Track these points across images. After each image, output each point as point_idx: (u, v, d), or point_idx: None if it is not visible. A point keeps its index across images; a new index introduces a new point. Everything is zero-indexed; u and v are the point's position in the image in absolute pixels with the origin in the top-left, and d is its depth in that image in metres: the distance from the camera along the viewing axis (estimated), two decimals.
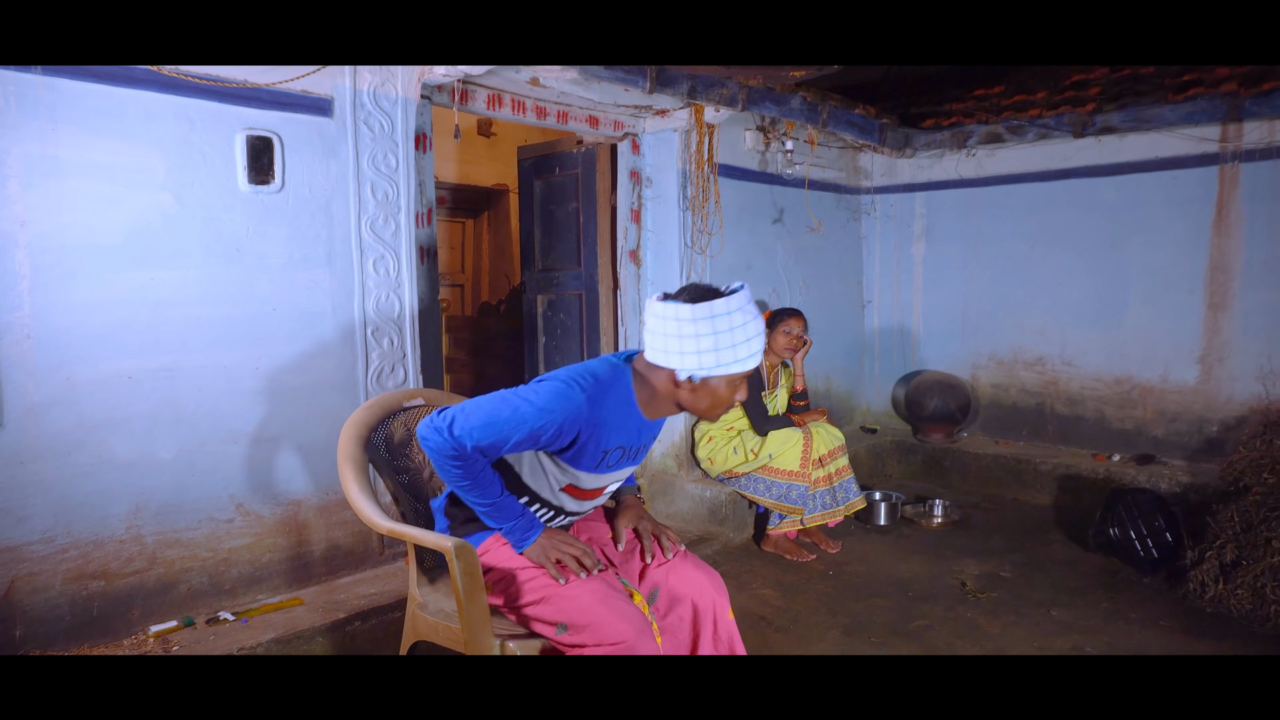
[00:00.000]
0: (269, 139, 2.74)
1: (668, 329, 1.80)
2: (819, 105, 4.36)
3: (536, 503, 2.06)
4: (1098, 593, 3.47)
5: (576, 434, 1.88)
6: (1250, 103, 4.08)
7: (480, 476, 1.91)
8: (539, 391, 1.87)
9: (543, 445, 1.89)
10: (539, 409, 1.83)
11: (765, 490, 3.87)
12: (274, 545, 2.80)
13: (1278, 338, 4.25)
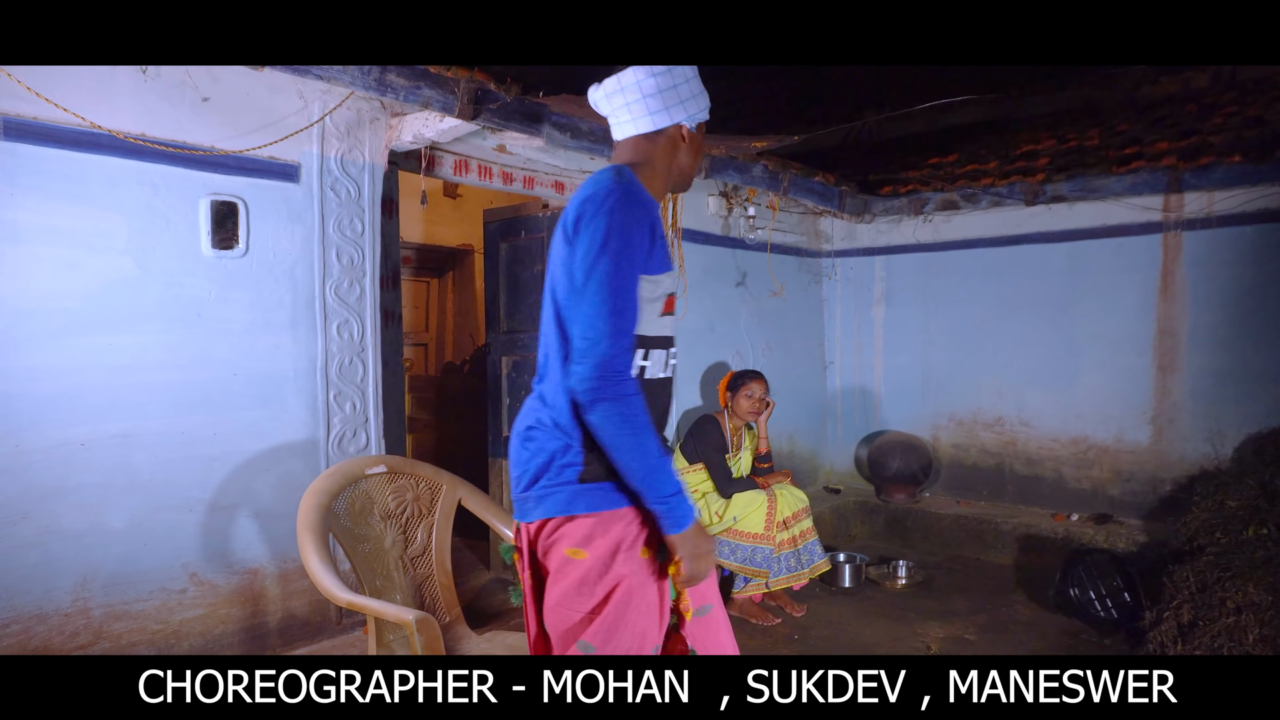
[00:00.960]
0: (234, 204, 2.74)
1: (663, 84, 1.74)
2: (780, 173, 4.48)
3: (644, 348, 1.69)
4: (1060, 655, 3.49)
5: (652, 225, 1.64)
6: (1189, 175, 4.27)
7: (645, 414, 1.57)
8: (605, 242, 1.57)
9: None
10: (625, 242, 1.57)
11: (730, 553, 3.86)
12: (228, 616, 2.72)
13: (1224, 399, 4.38)
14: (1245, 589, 3.19)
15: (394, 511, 2.48)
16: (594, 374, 1.54)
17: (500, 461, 4.46)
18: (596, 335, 1.55)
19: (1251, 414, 4.29)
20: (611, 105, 1.79)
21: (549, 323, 1.70)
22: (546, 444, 1.66)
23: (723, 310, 4.79)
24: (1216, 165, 4.18)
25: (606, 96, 1.80)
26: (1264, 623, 3.09)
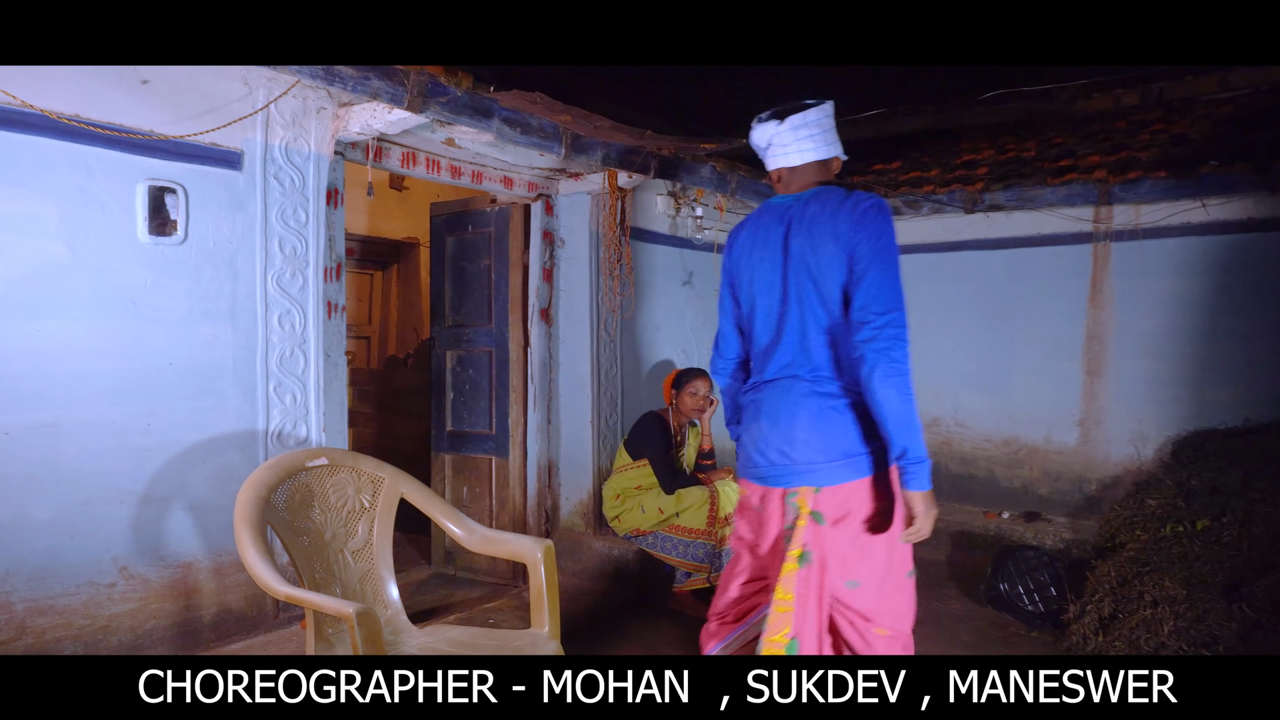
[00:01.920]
0: (173, 190, 2.67)
1: (829, 122, 2.21)
2: (728, 174, 4.53)
3: None
4: (989, 647, 3.60)
5: None
6: (1118, 188, 4.44)
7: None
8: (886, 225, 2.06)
9: None
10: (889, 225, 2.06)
11: (672, 548, 3.89)
12: (160, 610, 2.66)
13: (1148, 403, 4.57)
14: (1162, 583, 3.34)
15: (334, 505, 2.45)
16: (891, 338, 1.94)
17: (443, 456, 4.43)
18: (894, 306, 1.97)
19: (1172, 418, 4.48)
20: (796, 136, 2.15)
21: (805, 313, 2.09)
22: (846, 418, 2.05)
23: (670, 309, 4.83)
24: (1144, 180, 4.35)
25: (793, 129, 2.15)
26: (1178, 615, 3.23)
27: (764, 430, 2.13)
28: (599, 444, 4.27)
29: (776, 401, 2.12)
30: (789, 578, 2.04)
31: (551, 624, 2.40)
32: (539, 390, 4.30)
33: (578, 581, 4.19)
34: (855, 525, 2.08)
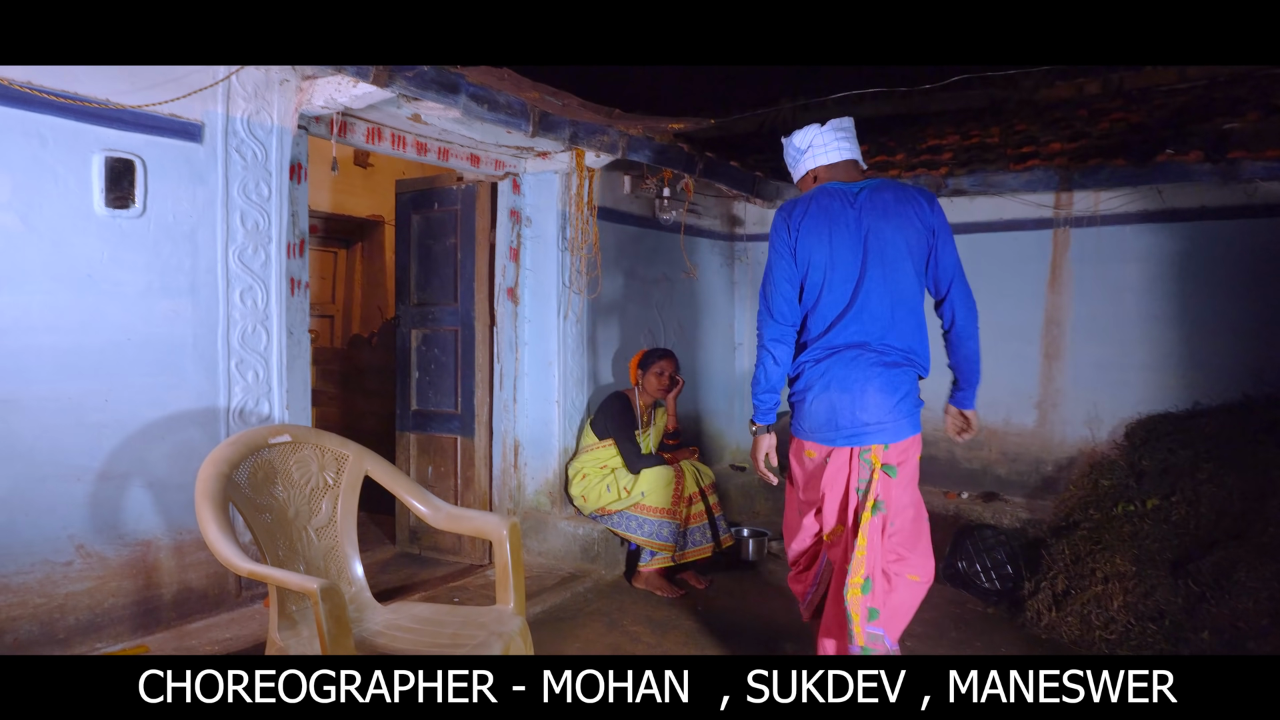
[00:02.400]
0: (130, 162, 2.62)
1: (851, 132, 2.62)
2: (696, 155, 4.53)
3: None
4: (947, 623, 3.68)
5: None
6: (1078, 175, 4.51)
7: None
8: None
9: None
10: None
11: (637, 528, 3.92)
12: (118, 589, 2.63)
13: (1102, 387, 4.67)
14: (1113, 560, 3.44)
15: (298, 482, 2.43)
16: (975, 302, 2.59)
17: (409, 435, 4.41)
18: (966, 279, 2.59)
19: (1126, 401, 4.59)
20: (836, 137, 2.56)
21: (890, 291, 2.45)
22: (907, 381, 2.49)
23: (636, 289, 4.83)
24: (1103, 167, 4.43)
25: (836, 129, 2.57)
26: (1128, 590, 3.33)
27: (837, 398, 2.44)
28: (565, 424, 4.27)
29: (848, 370, 2.43)
30: (866, 526, 2.41)
31: (517, 600, 2.41)
32: (505, 369, 4.29)
33: (543, 561, 4.20)
34: (905, 474, 2.50)
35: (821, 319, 2.49)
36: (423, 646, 2.24)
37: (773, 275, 2.54)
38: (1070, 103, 5.71)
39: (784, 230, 2.51)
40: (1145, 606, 3.30)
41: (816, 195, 2.50)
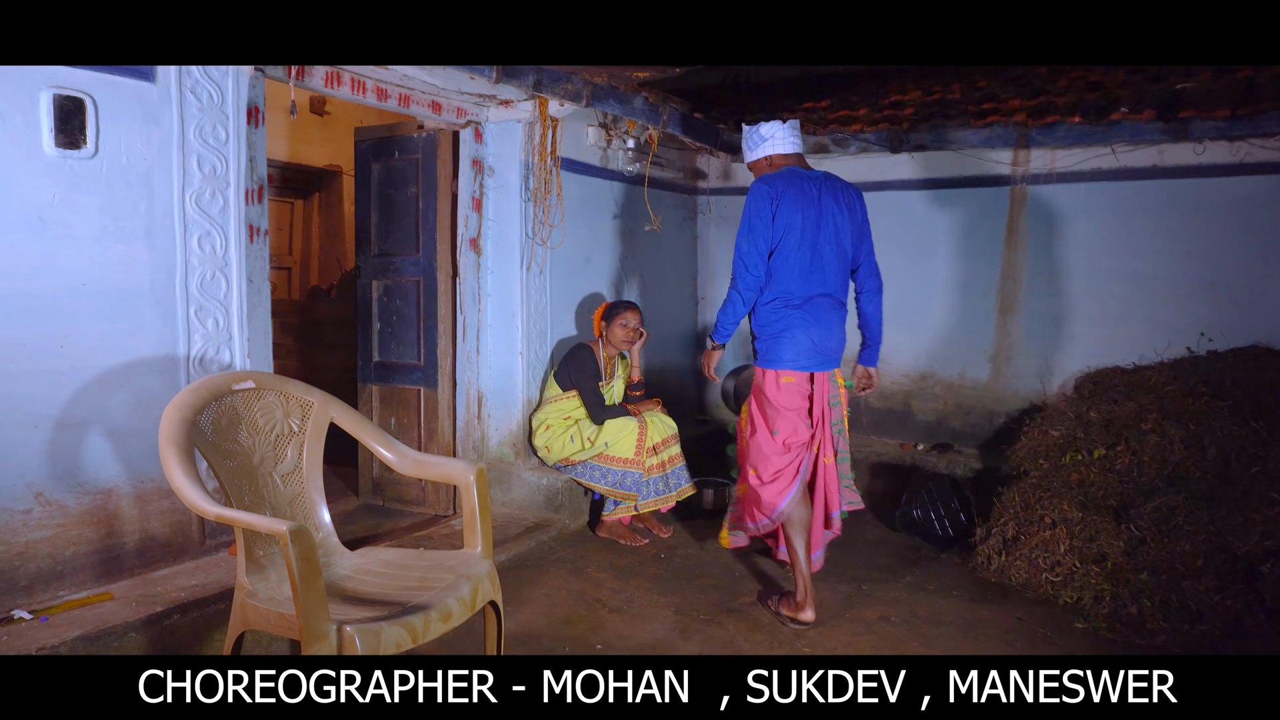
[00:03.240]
0: (80, 100, 2.54)
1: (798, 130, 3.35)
2: (660, 106, 4.50)
3: None
4: (902, 568, 3.80)
5: None
6: (1036, 133, 4.58)
7: None
8: None
9: None
10: None
11: (601, 477, 3.97)
12: (79, 537, 2.60)
13: (1053, 341, 4.80)
14: (1060, 506, 3.57)
15: (263, 428, 2.42)
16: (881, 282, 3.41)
17: (370, 387, 4.39)
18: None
19: (1075, 354, 4.72)
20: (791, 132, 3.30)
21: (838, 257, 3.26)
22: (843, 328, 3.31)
23: (600, 241, 4.82)
24: (1060, 124, 4.49)
25: (791, 128, 3.31)
26: (1073, 535, 3.47)
27: (816, 333, 3.20)
28: (528, 375, 4.28)
29: (821, 314, 3.21)
30: (840, 425, 3.40)
31: (485, 544, 2.44)
32: (468, 321, 4.27)
33: (508, 511, 4.24)
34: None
35: (794, 273, 3.19)
36: (391, 590, 2.27)
37: (755, 236, 3.16)
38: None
39: (769, 200, 3.13)
40: (1089, 550, 3.44)
41: (790, 176, 3.18)
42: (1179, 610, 3.11)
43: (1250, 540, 3.15)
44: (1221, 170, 4.30)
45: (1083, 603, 3.32)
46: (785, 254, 3.17)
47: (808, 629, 3.12)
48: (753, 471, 3.31)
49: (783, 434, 3.24)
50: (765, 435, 3.27)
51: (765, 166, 3.30)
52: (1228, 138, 4.19)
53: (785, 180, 3.15)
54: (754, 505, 3.31)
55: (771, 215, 3.13)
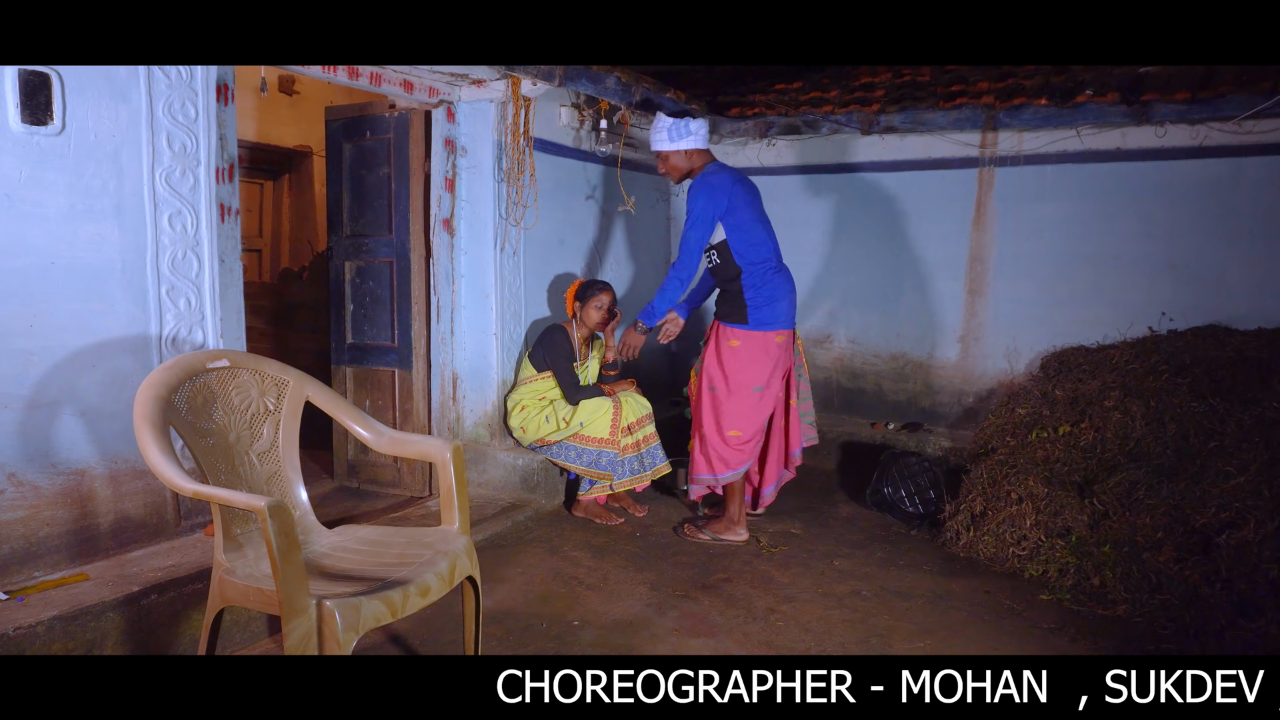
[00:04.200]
0: (46, 76, 2.50)
1: None
2: (633, 86, 4.51)
3: None
4: (873, 544, 3.88)
5: None
6: (1004, 115, 4.64)
7: None
8: None
9: None
10: None
11: (576, 457, 3.99)
12: (53, 518, 2.58)
13: (1020, 321, 4.89)
14: (1026, 482, 3.65)
15: (238, 407, 2.42)
16: None
17: (344, 369, 4.37)
18: None
19: (1041, 334, 4.82)
20: (706, 129, 3.74)
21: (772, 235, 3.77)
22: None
23: (573, 222, 4.83)
24: (1027, 106, 4.56)
25: (705, 124, 3.75)
26: (1039, 510, 3.55)
27: (790, 298, 3.72)
28: (503, 356, 4.29)
29: (789, 283, 3.74)
30: (804, 374, 4.00)
31: (462, 520, 2.46)
32: (442, 302, 4.26)
33: (484, 491, 4.25)
34: None
35: (766, 245, 3.68)
36: (369, 566, 2.28)
37: (696, 234, 3.57)
38: None
39: (724, 199, 3.55)
40: (1054, 524, 3.53)
41: (730, 173, 3.63)
42: (1140, 581, 3.21)
43: (1207, 513, 3.25)
44: (1182, 153, 4.40)
45: (1048, 575, 3.41)
46: (750, 231, 3.62)
47: (780, 605, 3.18)
48: (732, 432, 3.69)
49: (769, 389, 3.68)
50: (746, 394, 3.66)
51: (682, 159, 3.69)
52: (1188, 120, 4.28)
53: (731, 180, 3.59)
54: (720, 460, 3.74)
55: (723, 212, 3.57)
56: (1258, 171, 4.24)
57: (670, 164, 3.72)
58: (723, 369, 3.69)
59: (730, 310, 3.70)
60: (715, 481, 3.79)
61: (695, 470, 3.85)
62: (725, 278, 3.73)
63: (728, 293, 3.74)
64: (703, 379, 3.80)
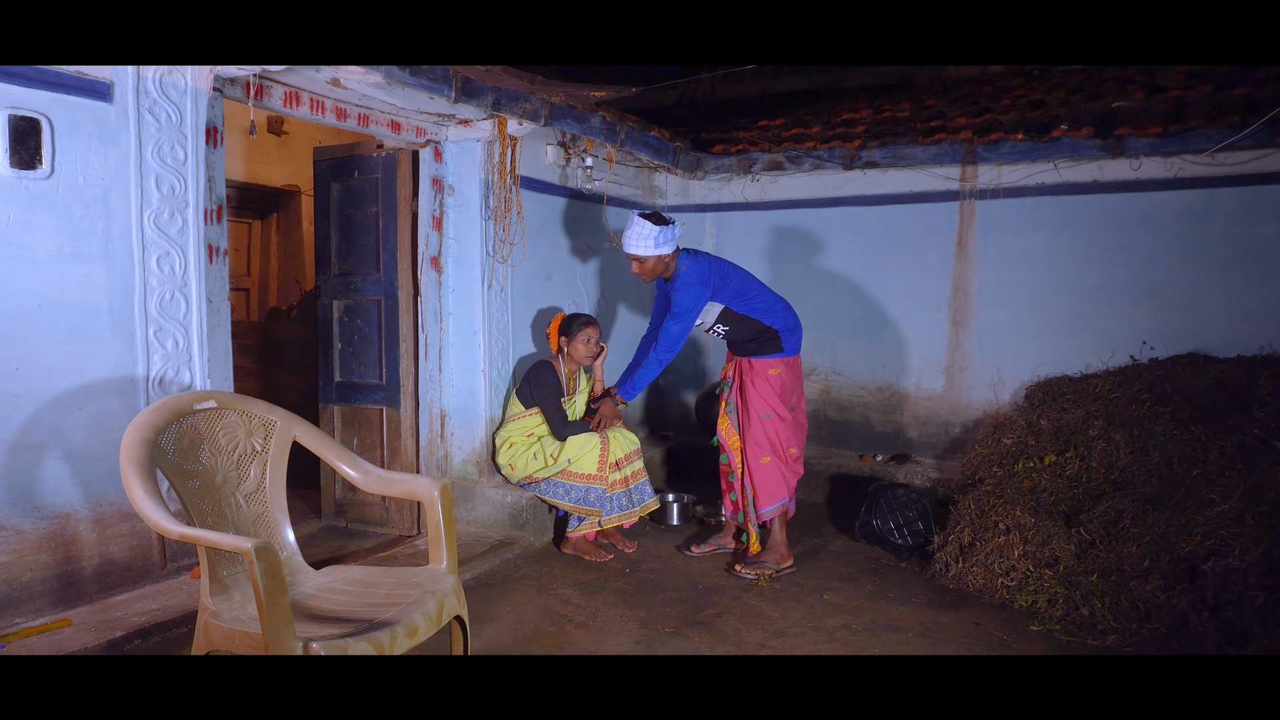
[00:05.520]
0: (36, 120, 2.53)
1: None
2: (618, 125, 4.57)
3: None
4: (863, 577, 3.87)
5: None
6: (982, 149, 4.73)
7: None
8: None
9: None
10: None
11: (565, 494, 3.99)
12: (36, 563, 2.56)
13: (1004, 351, 4.94)
14: (1013, 513, 3.66)
15: (225, 448, 2.42)
16: None
17: (332, 408, 4.37)
18: None
19: (1025, 364, 4.86)
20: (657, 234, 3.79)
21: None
22: None
23: (560, 259, 4.86)
24: (1004, 141, 4.65)
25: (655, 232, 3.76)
26: (1027, 540, 3.56)
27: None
28: (491, 393, 4.30)
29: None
30: None
31: (450, 559, 2.46)
32: (430, 339, 4.28)
33: (472, 529, 4.23)
34: None
35: (766, 296, 3.91)
36: (357, 607, 2.27)
37: (687, 322, 3.79)
38: (976, 80, 5.96)
39: (703, 290, 3.75)
40: (1042, 554, 3.53)
41: (702, 257, 3.85)
42: (1128, 610, 3.21)
43: (1192, 540, 3.27)
44: (1157, 185, 4.48)
45: (1037, 606, 3.41)
46: (745, 289, 3.87)
47: (770, 640, 3.17)
48: (791, 450, 3.93)
49: (797, 408, 3.97)
50: (786, 414, 3.88)
51: (659, 263, 3.79)
52: (1161, 154, 4.37)
53: (699, 258, 3.83)
54: (791, 477, 3.94)
55: (716, 284, 3.79)
56: (1230, 202, 4.33)
57: (646, 268, 3.79)
58: (775, 395, 3.85)
59: (763, 345, 3.87)
60: (788, 504, 3.93)
61: (769, 500, 3.88)
62: (740, 334, 3.90)
63: (751, 334, 3.89)
64: (751, 413, 3.87)
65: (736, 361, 3.97)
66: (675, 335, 3.79)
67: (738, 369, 3.95)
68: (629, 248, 3.75)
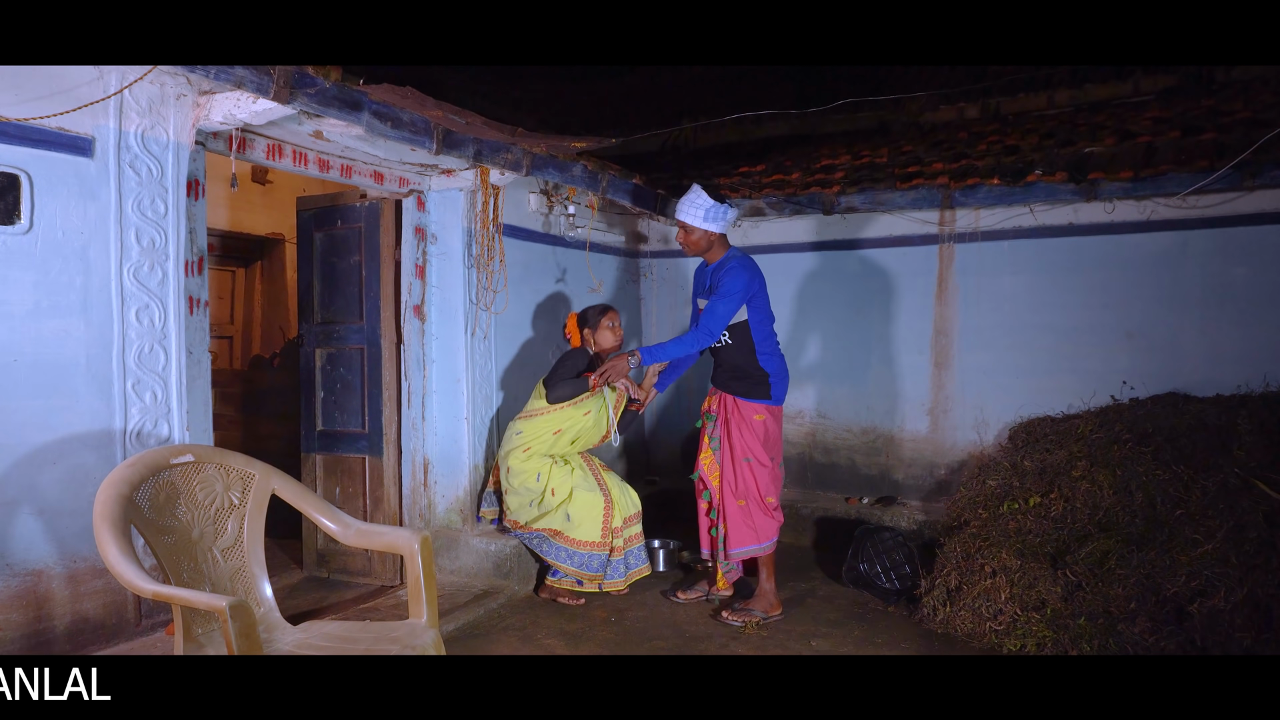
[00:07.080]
0: (15, 176, 2.53)
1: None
2: (599, 173, 4.62)
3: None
4: (850, 623, 3.84)
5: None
6: (959, 194, 4.80)
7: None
8: None
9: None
10: None
11: (567, 559, 3.95)
12: (7, 622, 2.51)
13: (987, 392, 4.96)
14: (999, 555, 3.65)
15: (202, 502, 2.39)
16: None
17: (315, 456, 4.33)
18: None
19: (1008, 405, 4.88)
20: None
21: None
22: None
23: (543, 306, 4.88)
24: (980, 186, 4.73)
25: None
26: (1013, 583, 3.55)
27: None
28: (474, 440, 4.28)
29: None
30: None
31: (430, 614, 2.42)
32: (413, 387, 4.26)
33: (455, 579, 4.18)
34: None
35: (774, 338, 3.90)
36: None
37: (731, 308, 3.72)
38: (952, 125, 6.08)
39: (751, 283, 3.74)
40: (1029, 597, 3.52)
41: (751, 261, 3.85)
42: (1117, 654, 3.19)
43: (1178, 581, 3.26)
44: (1132, 227, 4.56)
45: (1026, 650, 3.39)
46: (767, 314, 3.86)
47: None
48: (769, 499, 3.86)
49: (776, 458, 3.92)
50: (767, 462, 3.85)
51: (704, 238, 3.81)
52: (1134, 197, 4.45)
53: (754, 266, 3.83)
54: (765, 530, 3.85)
55: (757, 288, 3.78)
56: (1202, 244, 4.40)
57: (691, 239, 3.81)
58: (758, 442, 3.82)
59: (751, 388, 3.82)
60: (761, 550, 3.84)
61: (739, 543, 3.85)
62: (734, 358, 3.85)
63: (742, 370, 3.84)
64: (733, 454, 3.84)
65: (721, 397, 3.91)
66: (717, 319, 3.70)
67: (722, 404, 3.90)
68: (679, 214, 3.79)
